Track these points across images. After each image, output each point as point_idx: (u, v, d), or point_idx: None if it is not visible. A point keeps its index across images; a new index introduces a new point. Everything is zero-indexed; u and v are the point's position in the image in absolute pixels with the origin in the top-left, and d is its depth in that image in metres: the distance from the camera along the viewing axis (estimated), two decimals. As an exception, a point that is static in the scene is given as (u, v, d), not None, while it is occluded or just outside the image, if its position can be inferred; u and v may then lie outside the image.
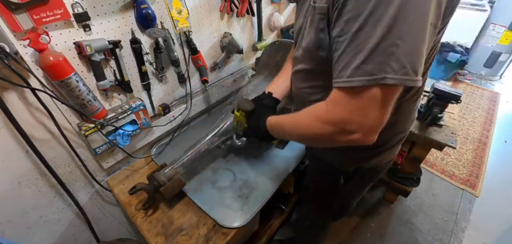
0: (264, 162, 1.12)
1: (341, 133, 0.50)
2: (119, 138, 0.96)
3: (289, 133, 0.66)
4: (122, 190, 1.02)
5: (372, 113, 0.46)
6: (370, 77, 0.43)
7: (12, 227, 0.85)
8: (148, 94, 1.07)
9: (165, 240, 0.85)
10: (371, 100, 0.45)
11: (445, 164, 2.08)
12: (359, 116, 0.47)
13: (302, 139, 0.64)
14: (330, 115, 0.50)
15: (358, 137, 0.48)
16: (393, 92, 0.45)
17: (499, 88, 3.21)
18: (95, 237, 1.08)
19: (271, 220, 1.36)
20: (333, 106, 0.50)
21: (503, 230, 1.61)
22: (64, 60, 0.73)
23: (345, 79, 0.45)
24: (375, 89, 0.43)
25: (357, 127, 0.47)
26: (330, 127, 0.51)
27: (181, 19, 1.02)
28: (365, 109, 0.46)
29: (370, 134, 0.48)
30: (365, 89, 0.44)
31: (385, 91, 0.44)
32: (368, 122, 0.47)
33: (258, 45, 1.47)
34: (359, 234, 1.58)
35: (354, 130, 0.48)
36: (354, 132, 0.48)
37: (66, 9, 0.73)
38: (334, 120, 0.50)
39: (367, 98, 0.45)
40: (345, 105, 0.47)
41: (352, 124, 0.48)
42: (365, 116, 0.46)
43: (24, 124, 0.76)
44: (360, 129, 0.47)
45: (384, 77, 0.42)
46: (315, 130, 0.54)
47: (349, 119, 0.48)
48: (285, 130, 0.67)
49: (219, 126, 1.05)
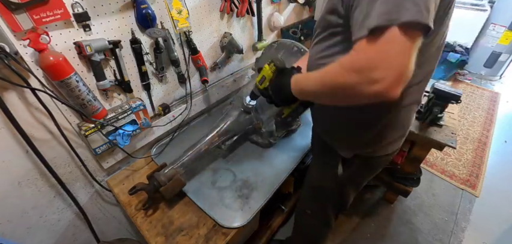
0: (264, 162, 1.12)
1: (366, 81, 0.49)
2: (119, 138, 0.96)
3: (312, 86, 0.64)
4: (122, 190, 1.02)
5: (395, 58, 0.46)
6: (389, 17, 0.44)
7: (12, 227, 0.85)
8: (148, 94, 1.07)
9: (165, 240, 0.85)
10: (392, 41, 0.45)
11: (445, 164, 2.08)
12: (382, 60, 0.47)
13: (325, 92, 0.62)
14: (355, 61, 0.51)
15: (382, 88, 0.47)
16: (413, 35, 0.45)
17: (499, 88, 3.21)
18: (95, 237, 1.08)
19: (271, 220, 1.36)
20: (357, 52, 0.50)
21: (503, 230, 1.61)
22: (63, 60, 0.73)
23: (367, 26, 0.47)
24: (395, 29, 0.44)
25: (382, 74, 0.46)
26: (355, 75, 0.50)
27: (181, 19, 1.02)
28: (387, 52, 0.46)
29: (395, 84, 0.47)
30: (385, 30, 0.45)
31: (405, 32, 0.44)
32: (392, 68, 0.46)
33: (258, 45, 1.47)
34: (359, 234, 1.58)
35: (378, 78, 0.47)
36: (378, 81, 0.47)
37: (66, 9, 0.73)
38: (358, 66, 0.50)
39: (389, 40, 0.45)
40: (369, 49, 0.48)
41: (377, 70, 0.47)
42: (388, 61, 0.46)
43: (24, 124, 0.76)
44: (384, 77, 0.46)
45: (402, 18, 0.43)
46: (339, 79, 0.54)
47: (373, 64, 0.47)
48: (308, 81, 0.66)
49: (219, 126, 1.05)
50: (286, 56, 1.20)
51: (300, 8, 1.77)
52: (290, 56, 1.19)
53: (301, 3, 1.67)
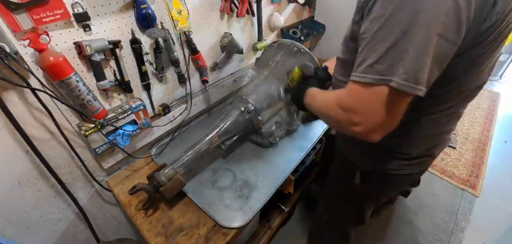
0: (264, 162, 1.12)
1: (348, 121, 0.53)
2: (119, 138, 0.96)
3: (316, 106, 0.71)
4: (122, 190, 1.02)
5: (377, 110, 0.49)
6: (379, 77, 0.46)
7: (12, 227, 0.85)
8: (148, 94, 1.07)
9: (165, 240, 0.85)
10: (377, 97, 0.48)
11: (445, 164, 2.08)
12: (364, 109, 0.50)
13: (323, 116, 0.68)
14: (344, 101, 0.55)
15: (360, 130, 0.52)
16: (399, 96, 0.47)
17: (499, 88, 3.21)
18: (95, 237, 1.08)
19: (271, 220, 1.36)
20: (347, 94, 0.54)
21: (503, 230, 1.61)
22: (63, 60, 0.73)
23: (359, 73, 0.50)
24: (383, 88, 0.47)
25: (361, 120, 0.51)
26: (341, 112, 0.55)
27: (181, 19, 1.02)
28: (370, 103, 0.49)
29: (372, 131, 0.51)
30: (373, 86, 0.48)
31: (391, 93, 0.47)
32: (371, 118, 0.50)
33: (258, 45, 1.47)
34: (359, 234, 1.58)
35: (358, 122, 0.51)
36: (358, 124, 0.51)
37: (66, 9, 0.73)
38: (345, 106, 0.54)
39: (374, 95, 0.48)
40: (356, 96, 0.52)
41: (357, 114, 0.51)
42: (369, 111, 0.50)
43: (24, 124, 0.76)
44: (363, 122, 0.51)
45: (391, 79, 0.45)
46: (330, 111, 0.60)
47: (356, 109, 0.51)
48: (315, 101, 0.73)
49: (219, 126, 1.05)
50: (286, 56, 1.20)
51: (300, 8, 1.77)
52: (290, 56, 1.19)
53: (301, 3, 1.67)
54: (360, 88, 0.50)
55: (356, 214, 0.99)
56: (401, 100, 0.48)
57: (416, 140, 0.70)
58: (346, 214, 1.02)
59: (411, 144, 0.71)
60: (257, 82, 1.19)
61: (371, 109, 0.49)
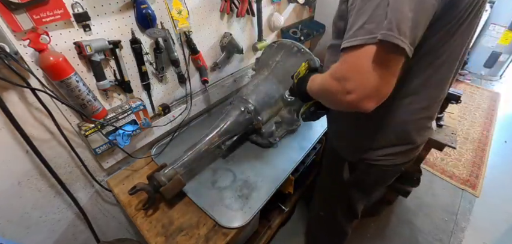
0: (264, 162, 1.12)
1: (341, 90, 0.52)
2: (119, 138, 0.96)
3: (315, 86, 0.70)
4: (122, 190, 1.02)
5: (369, 73, 0.48)
6: (368, 36, 0.47)
7: (12, 227, 0.85)
8: (148, 94, 1.07)
9: (165, 240, 0.85)
10: (367, 57, 0.47)
11: (445, 164, 2.08)
12: (357, 74, 0.49)
13: (320, 93, 0.67)
14: (336, 70, 0.54)
15: (354, 98, 0.50)
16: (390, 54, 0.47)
17: (499, 88, 3.21)
18: (95, 237, 1.08)
19: (271, 220, 1.36)
20: (340, 63, 0.54)
21: (503, 230, 1.61)
22: (63, 60, 0.73)
23: (349, 38, 0.50)
24: (371, 47, 0.47)
25: (354, 86, 0.50)
26: (335, 83, 0.54)
27: (181, 19, 1.02)
28: (362, 66, 0.48)
29: (366, 97, 0.50)
30: (363, 47, 0.48)
31: (380, 50, 0.46)
32: (364, 82, 0.49)
33: (258, 45, 1.47)
34: (359, 234, 1.58)
35: (351, 89, 0.50)
36: (351, 92, 0.50)
37: (66, 9, 0.73)
38: (338, 75, 0.54)
39: (364, 56, 0.48)
40: (347, 62, 0.51)
41: (351, 81, 0.50)
42: (361, 75, 0.49)
43: (24, 124, 0.76)
44: (356, 89, 0.50)
45: (377, 33, 0.46)
46: (326, 84, 0.59)
47: (349, 76, 0.51)
48: (314, 82, 0.71)
49: (219, 126, 1.05)
50: (286, 56, 1.20)
51: (300, 8, 1.77)
52: (290, 56, 1.19)
53: (301, 3, 1.66)
54: (350, 52, 0.50)
55: (347, 207, 1.00)
56: (391, 59, 0.48)
57: (390, 125, 0.71)
58: (338, 208, 1.03)
59: (387, 129, 0.72)
60: (257, 82, 1.19)
61: (362, 72, 0.49)
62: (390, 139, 0.73)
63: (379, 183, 0.93)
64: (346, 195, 0.95)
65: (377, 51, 0.46)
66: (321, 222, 1.16)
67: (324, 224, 1.16)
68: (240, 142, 1.21)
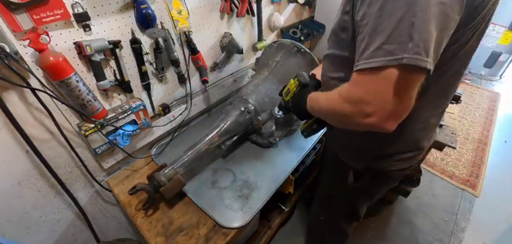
0: (264, 162, 1.12)
1: (359, 114, 0.50)
2: (119, 138, 0.96)
3: (320, 107, 0.67)
4: (122, 190, 1.02)
5: (390, 96, 0.45)
6: (390, 57, 0.43)
7: (12, 227, 0.85)
8: (148, 94, 1.07)
9: (165, 240, 0.85)
10: (388, 81, 0.45)
11: (445, 164, 2.08)
12: (376, 97, 0.47)
13: (328, 115, 0.64)
14: (350, 93, 0.51)
15: (374, 121, 0.48)
16: (411, 76, 0.45)
17: (499, 88, 3.21)
18: (95, 237, 1.08)
19: (271, 220, 1.36)
20: (353, 85, 0.51)
21: (503, 230, 1.62)
22: (63, 60, 0.73)
23: (365, 60, 0.46)
24: (393, 70, 0.44)
25: (374, 110, 0.47)
26: (349, 106, 0.52)
27: (181, 19, 1.02)
28: (382, 89, 0.46)
29: (387, 120, 0.48)
30: (383, 70, 0.44)
31: (403, 73, 0.44)
32: (385, 106, 0.46)
33: (258, 45, 1.47)
34: (359, 234, 1.58)
35: (371, 112, 0.48)
36: (371, 115, 0.48)
37: (66, 9, 0.73)
38: (353, 99, 0.51)
39: (384, 79, 0.45)
40: (364, 85, 0.48)
41: (369, 105, 0.47)
42: (382, 99, 0.46)
43: (24, 124, 0.76)
44: (376, 112, 0.47)
45: (402, 56, 0.42)
46: (338, 107, 0.56)
47: (367, 99, 0.48)
48: (318, 102, 0.69)
49: (219, 126, 1.05)
50: (286, 56, 1.20)
51: (300, 8, 1.77)
52: (290, 56, 1.19)
53: (301, 3, 1.67)
54: (368, 75, 0.47)
55: (350, 211, 0.99)
56: (414, 80, 0.45)
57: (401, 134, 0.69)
58: (341, 212, 1.03)
59: (397, 138, 0.70)
60: (257, 82, 1.19)
61: (383, 95, 0.46)
62: (399, 147, 0.72)
63: (385, 187, 0.92)
64: (350, 200, 0.95)
65: (399, 74, 0.44)
66: (322, 225, 1.16)
67: (326, 227, 1.15)
68: (240, 142, 1.22)
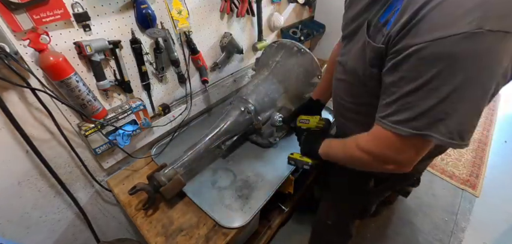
0: (264, 162, 1.12)
1: (378, 164, 0.56)
2: (119, 138, 0.96)
3: (336, 154, 0.73)
4: (122, 190, 1.02)
5: (409, 155, 0.51)
6: (416, 132, 0.46)
7: (12, 227, 0.85)
8: (148, 94, 1.07)
9: (165, 240, 0.85)
10: (411, 146, 0.50)
11: (445, 164, 2.08)
12: (396, 155, 0.52)
13: (346, 161, 0.68)
14: (370, 146, 0.56)
15: (393, 168, 0.55)
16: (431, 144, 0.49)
17: (499, 88, 3.21)
18: (95, 237, 1.08)
19: (271, 220, 1.36)
20: (374, 139, 0.55)
21: (503, 230, 1.61)
22: (63, 60, 0.73)
23: (391, 124, 0.49)
24: (418, 139, 0.47)
25: (393, 162, 0.53)
26: (367, 156, 0.57)
27: (181, 19, 1.02)
28: (403, 151, 0.51)
29: (404, 168, 0.54)
30: (408, 138, 0.48)
31: (426, 143, 0.48)
32: (404, 160, 0.52)
33: (258, 45, 1.47)
34: (359, 234, 1.58)
35: (390, 163, 0.54)
36: (390, 164, 0.54)
37: (66, 9, 0.73)
38: (373, 152, 0.56)
39: (408, 145, 0.50)
40: (386, 144, 0.52)
41: (389, 159, 0.53)
42: (401, 156, 0.52)
43: (24, 124, 0.76)
44: (395, 163, 0.54)
45: (430, 135, 0.45)
46: (356, 155, 0.60)
47: (387, 155, 0.53)
48: (333, 149, 0.75)
49: (219, 126, 1.05)
50: (286, 56, 1.20)
51: (300, 8, 1.77)
52: (290, 56, 1.19)
53: (301, 3, 1.67)
54: (391, 136, 0.50)
55: (362, 210, 1.00)
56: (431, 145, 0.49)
57: None
58: (352, 215, 1.03)
59: None
60: (257, 82, 1.19)
61: (403, 154, 0.51)
62: None
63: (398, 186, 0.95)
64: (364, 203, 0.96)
65: (422, 143, 0.48)
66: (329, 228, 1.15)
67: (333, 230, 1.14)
68: (240, 142, 1.22)
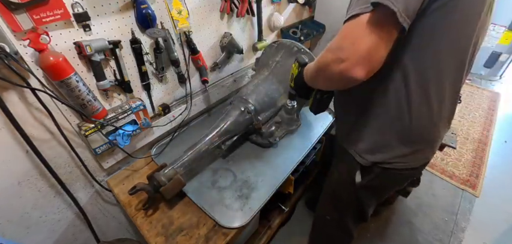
0: (264, 162, 1.12)
1: (335, 60, 0.55)
2: (119, 138, 0.96)
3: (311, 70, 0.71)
4: (122, 190, 1.02)
5: (361, 40, 0.50)
6: (365, 6, 0.49)
7: (12, 227, 0.85)
8: (148, 94, 1.07)
9: (165, 240, 0.85)
10: (361, 25, 0.50)
11: (445, 164, 2.08)
12: (350, 41, 0.52)
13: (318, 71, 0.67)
14: (332, 42, 0.57)
15: (345, 65, 0.52)
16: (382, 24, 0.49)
17: (499, 88, 3.21)
18: (95, 237, 1.08)
19: (271, 220, 1.36)
20: (336, 37, 0.56)
21: (503, 230, 1.61)
22: (63, 60, 0.73)
23: (348, 14, 0.53)
24: (366, 15, 0.49)
25: (348, 54, 0.52)
26: (330, 54, 0.57)
27: (181, 19, 1.02)
28: (356, 34, 0.51)
29: (356, 65, 0.52)
30: (359, 16, 0.50)
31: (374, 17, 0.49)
32: (357, 49, 0.51)
33: (258, 45, 1.47)
34: (359, 234, 1.58)
35: (343, 57, 0.52)
36: (343, 61, 0.52)
37: (66, 9, 0.73)
38: (333, 46, 0.56)
39: (358, 24, 0.50)
40: (343, 32, 0.54)
41: (344, 50, 0.53)
42: (355, 43, 0.51)
43: (24, 124, 0.76)
44: (349, 57, 0.52)
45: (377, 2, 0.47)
46: (322, 58, 0.61)
47: (343, 44, 0.54)
48: (310, 67, 0.73)
49: (219, 126, 1.05)
50: (286, 56, 1.21)
51: (300, 8, 1.77)
52: (290, 56, 1.19)
53: (301, 3, 1.67)
54: (347, 24, 0.53)
55: (358, 212, 0.99)
56: (384, 25, 0.49)
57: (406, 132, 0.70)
58: (348, 212, 1.02)
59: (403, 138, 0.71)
60: (257, 82, 1.19)
61: (355, 39, 0.51)
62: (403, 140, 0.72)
63: (394, 187, 0.92)
64: (357, 200, 0.95)
65: (369, 17, 0.49)
66: (329, 223, 1.16)
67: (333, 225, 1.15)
68: (240, 142, 1.22)
